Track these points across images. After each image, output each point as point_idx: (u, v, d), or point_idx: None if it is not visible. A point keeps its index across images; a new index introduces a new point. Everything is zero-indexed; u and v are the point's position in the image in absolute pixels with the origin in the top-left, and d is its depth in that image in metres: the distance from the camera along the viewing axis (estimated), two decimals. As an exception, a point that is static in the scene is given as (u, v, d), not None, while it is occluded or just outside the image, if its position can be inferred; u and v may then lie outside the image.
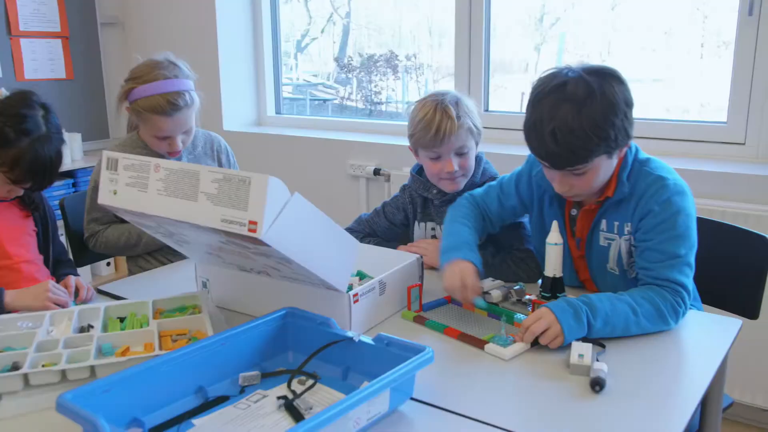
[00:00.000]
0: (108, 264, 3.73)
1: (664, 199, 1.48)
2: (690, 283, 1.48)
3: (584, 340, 1.37)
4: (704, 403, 1.53)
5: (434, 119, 1.79)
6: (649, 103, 2.83)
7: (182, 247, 1.53)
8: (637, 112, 1.95)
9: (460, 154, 1.83)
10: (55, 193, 3.46)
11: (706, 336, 1.48)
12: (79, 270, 3.70)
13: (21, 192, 1.68)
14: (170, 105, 1.91)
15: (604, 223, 1.58)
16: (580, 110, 1.38)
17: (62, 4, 3.70)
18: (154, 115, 1.92)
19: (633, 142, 1.57)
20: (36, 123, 1.60)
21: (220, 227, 1.20)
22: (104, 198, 1.37)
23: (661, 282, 1.47)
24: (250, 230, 1.17)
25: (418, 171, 1.99)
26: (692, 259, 1.49)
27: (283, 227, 1.20)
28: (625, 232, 1.55)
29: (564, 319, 1.36)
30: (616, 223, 1.56)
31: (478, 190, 1.81)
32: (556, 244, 1.47)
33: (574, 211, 1.63)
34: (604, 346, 1.38)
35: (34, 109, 1.61)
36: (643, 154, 1.57)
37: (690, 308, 1.58)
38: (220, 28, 3.61)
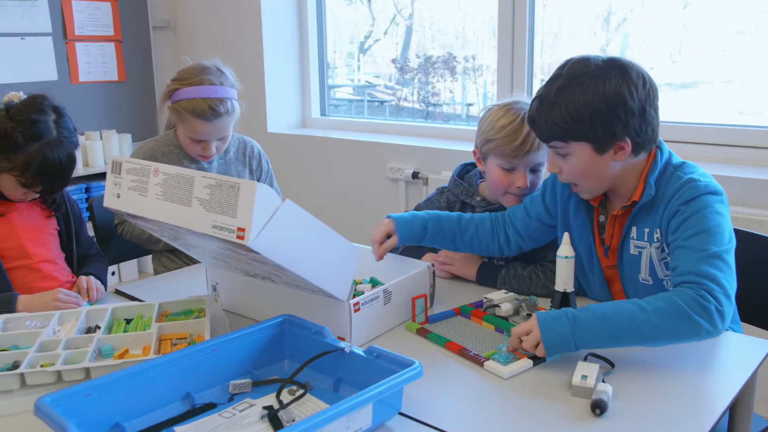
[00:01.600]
0: (154, 262, 3.82)
1: (691, 198, 1.39)
2: (725, 278, 1.30)
3: (589, 357, 1.31)
4: (731, 428, 1.44)
5: (521, 129, 1.70)
6: (719, 106, 2.68)
7: (189, 250, 1.54)
8: (705, 117, 1.80)
9: (535, 171, 1.76)
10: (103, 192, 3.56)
11: (730, 358, 1.39)
12: (124, 266, 3.81)
13: (35, 195, 1.72)
14: (211, 110, 1.94)
15: (634, 231, 1.50)
16: (565, 89, 1.40)
17: (116, 9, 3.81)
18: (194, 117, 1.95)
19: (665, 146, 1.50)
20: (46, 128, 1.63)
21: (211, 233, 1.20)
22: (109, 201, 1.39)
23: (685, 277, 1.32)
24: (238, 237, 1.16)
25: (460, 174, 1.94)
26: (728, 257, 1.34)
27: (273, 234, 1.18)
28: (655, 239, 1.47)
29: (542, 323, 1.29)
30: (647, 230, 1.48)
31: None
32: (566, 257, 1.41)
33: (602, 218, 1.56)
34: (613, 365, 1.31)
35: (46, 114, 1.64)
36: (678, 159, 1.49)
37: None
38: (266, 32, 3.64)
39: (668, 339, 1.29)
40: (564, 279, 1.42)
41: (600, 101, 1.37)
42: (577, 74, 1.40)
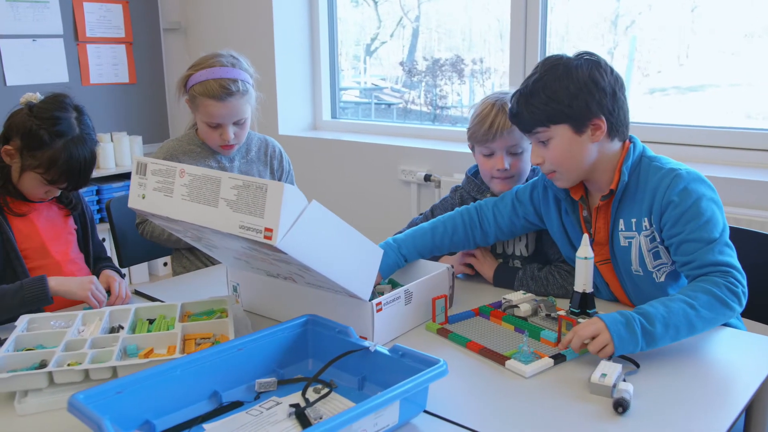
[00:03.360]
0: (165, 264, 3.83)
1: (681, 188, 1.47)
2: (735, 260, 1.44)
3: (626, 357, 1.34)
4: (747, 427, 1.46)
5: (489, 114, 1.78)
6: (727, 109, 2.69)
7: (212, 251, 1.56)
8: (715, 118, 1.96)
9: (514, 153, 1.80)
10: (116, 194, 3.58)
11: (746, 357, 1.41)
12: (135, 268, 3.83)
13: (58, 193, 1.74)
14: (222, 89, 1.95)
15: (621, 223, 1.56)
16: (541, 79, 1.52)
17: (127, 11, 3.83)
18: (206, 99, 1.96)
19: (639, 141, 1.59)
20: (69, 125, 1.65)
21: (238, 233, 1.21)
22: (133, 202, 1.40)
23: (706, 269, 1.42)
24: (265, 237, 1.17)
25: (474, 173, 1.97)
26: (728, 239, 1.46)
27: (300, 235, 1.19)
28: (644, 228, 1.53)
29: (614, 328, 1.32)
30: (634, 220, 1.54)
31: (491, 198, 1.79)
32: (586, 258, 1.42)
33: (585, 213, 1.63)
34: (638, 366, 1.33)
35: (68, 112, 1.66)
36: (651, 153, 1.59)
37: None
38: (278, 34, 3.66)
39: (712, 326, 1.40)
40: (583, 279, 1.44)
41: (575, 81, 1.49)
42: (552, 65, 1.53)
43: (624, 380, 1.25)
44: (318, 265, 1.27)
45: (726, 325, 1.53)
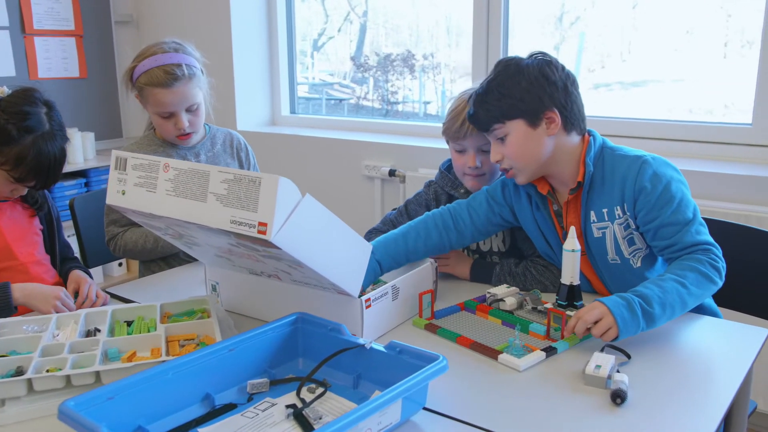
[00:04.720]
0: (120, 264, 3.72)
1: (650, 174, 1.50)
2: (711, 238, 1.49)
3: (606, 348, 1.34)
4: (729, 411, 1.48)
5: (463, 111, 1.76)
6: (670, 104, 2.76)
7: (192, 249, 1.50)
8: (658, 113, 1.79)
9: (486, 151, 1.78)
10: (67, 192, 3.45)
11: (731, 345, 1.44)
12: (91, 271, 3.70)
13: (24, 191, 1.65)
14: (168, 75, 1.87)
15: (593, 215, 1.58)
16: (495, 78, 1.56)
17: (76, 3, 3.68)
18: (153, 88, 1.89)
19: (596, 132, 1.61)
20: (39, 120, 1.57)
21: (229, 228, 1.17)
22: (112, 198, 1.34)
23: (688, 249, 1.47)
24: (259, 232, 1.14)
25: (447, 168, 1.96)
26: (700, 216, 1.52)
27: (294, 229, 1.16)
28: (617, 216, 1.55)
29: (617, 311, 1.33)
30: (605, 210, 1.56)
31: (462, 201, 1.76)
32: (573, 250, 1.42)
33: (555, 207, 1.65)
34: (629, 357, 1.34)
35: (38, 107, 1.58)
36: (611, 143, 1.61)
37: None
38: (235, 27, 3.59)
39: (699, 302, 1.44)
40: (570, 272, 1.44)
41: (526, 77, 1.53)
42: (504, 65, 1.57)
43: (618, 371, 1.26)
44: (310, 260, 1.23)
45: (704, 312, 1.58)
